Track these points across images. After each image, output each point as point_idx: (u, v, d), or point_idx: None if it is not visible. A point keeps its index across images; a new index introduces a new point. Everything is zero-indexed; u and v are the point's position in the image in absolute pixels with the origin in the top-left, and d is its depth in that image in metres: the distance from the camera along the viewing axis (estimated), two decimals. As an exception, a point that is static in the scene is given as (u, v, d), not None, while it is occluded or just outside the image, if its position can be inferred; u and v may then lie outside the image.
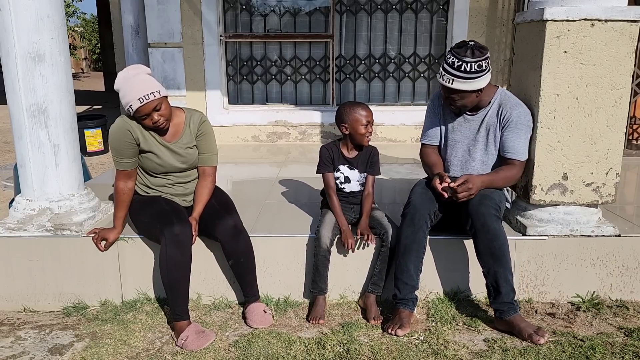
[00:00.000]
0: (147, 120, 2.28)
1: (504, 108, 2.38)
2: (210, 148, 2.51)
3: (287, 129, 5.35)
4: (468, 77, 2.24)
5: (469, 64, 2.22)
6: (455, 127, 2.51)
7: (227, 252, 2.41)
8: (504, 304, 2.25)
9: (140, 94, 2.21)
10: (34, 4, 2.36)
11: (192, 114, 2.47)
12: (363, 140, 2.48)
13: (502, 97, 2.42)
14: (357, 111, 2.45)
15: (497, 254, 2.23)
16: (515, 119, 2.36)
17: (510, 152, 2.39)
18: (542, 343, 2.14)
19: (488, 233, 2.24)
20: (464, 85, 2.27)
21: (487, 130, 2.43)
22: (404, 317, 2.29)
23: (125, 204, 2.45)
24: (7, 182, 4.69)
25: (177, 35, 5.11)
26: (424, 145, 2.63)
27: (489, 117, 2.42)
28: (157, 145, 2.39)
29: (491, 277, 2.27)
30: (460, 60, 2.23)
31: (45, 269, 2.55)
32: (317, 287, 2.45)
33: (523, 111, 2.38)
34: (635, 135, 5.19)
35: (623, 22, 2.31)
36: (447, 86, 2.30)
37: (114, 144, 2.36)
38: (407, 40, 5.41)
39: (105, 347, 2.22)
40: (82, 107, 10.58)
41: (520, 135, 2.37)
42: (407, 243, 2.32)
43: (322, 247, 2.41)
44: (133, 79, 2.24)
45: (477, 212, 2.26)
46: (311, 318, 2.39)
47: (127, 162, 2.38)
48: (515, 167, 2.40)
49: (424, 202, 2.37)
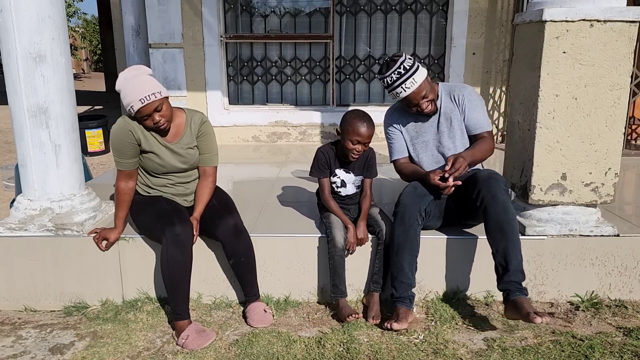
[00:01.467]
0: (148, 121, 2.29)
1: (454, 93, 2.53)
2: (211, 148, 2.52)
3: (287, 129, 5.36)
4: (412, 72, 2.36)
5: (406, 61, 2.37)
6: (419, 130, 2.59)
7: (227, 252, 2.42)
8: (511, 282, 2.21)
9: (141, 95, 2.21)
10: (35, 4, 2.37)
11: (193, 115, 2.48)
12: (349, 155, 2.41)
13: (445, 87, 2.58)
14: (353, 125, 2.34)
15: (506, 229, 2.23)
16: (469, 98, 2.51)
17: (479, 128, 2.51)
18: (538, 322, 2.05)
19: (497, 205, 2.24)
20: (419, 78, 2.37)
21: (447, 119, 2.53)
22: (401, 313, 2.29)
23: (126, 204, 2.46)
24: (8, 182, 4.71)
25: (177, 36, 5.13)
26: (397, 161, 2.66)
27: (444, 106, 2.53)
28: (158, 146, 2.40)
29: (500, 255, 2.24)
30: (400, 63, 2.37)
31: (47, 269, 2.56)
32: (338, 291, 2.43)
33: (469, 90, 2.55)
34: (634, 135, 5.20)
35: (622, 23, 2.31)
36: (415, 89, 2.38)
37: (115, 144, 2.37)
38: (407, 41, 5.42)
39: (106, 347, 2.23)
40: (83, 108, 10.60)
41: (480, 110, 2.52)
42: (400, 242, 2.33)
43: (338, 248, 2.40)
44: (134, 80, 2.24)
45: (487, 185, 2.28)
46: (347, 316, 2.34)
47: (128, 163, 2.39)
48: (487, 138, 2.50)
49: (413, 200, 2.38)
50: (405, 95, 2.40)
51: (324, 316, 2.49)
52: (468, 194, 2.35)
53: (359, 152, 2.40)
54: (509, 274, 2.22)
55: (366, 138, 2.36)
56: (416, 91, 2.39)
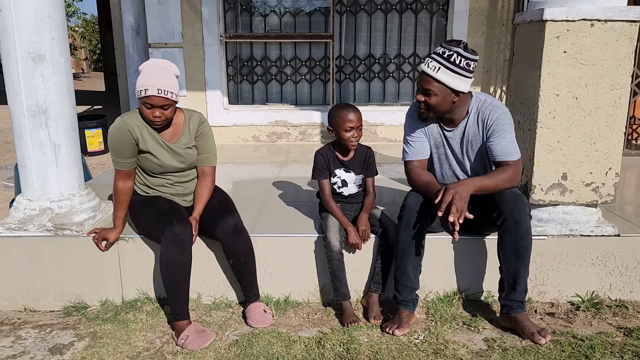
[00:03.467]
0: (149, 111, 2.29)
1: (483, 115, 2.29)
2: (209, 148, 2.52)
3: (287, 129, 5.36)
4: (454, 70, 2.15)
5: (460, 57, 2.15)
6: (438, 143, 2.42)
7: (227, 252, 2.42)
8: (515, 301, 2.25)
9: (161, 86, 2.24)
10: (35, 4, 2.36)
11: (192, 115, 2.48)
12: (348, 145, 2.45)
13: (478, 104, 2.31)
14: (340, 115, 2.40)
15: (522, 253, 2.22)
16: (497, 123, 2.25)
17: (501, 155, 2.26)
18: (543, 343, 2.15)
19: (519, 231, 2.19)
20: (446, 78, 2.16)
21: (469, 142, 2.35)
22: (403, 318, 2.29)
23: (125, 203, 2.45)
24: (8, 182, 4.70)
25: (177, 35, 5.12)
26: (411, 162, 2.40)
27: (469, 128, 2.33)
28: (155, 146, 2.39)
29: (510, 274, 2.24)
30: (451, 51, 2.16)
31: (46, 269, 2.56)
32: (340, 294, 2.41)
33: (501, 112, 2.27)
34: (634, 135, 5.19)
35: (622, 22, 2.31)
36: (429, 75, 2.18)
37: (113, 144, 2.37)
38: (407, 41, 5.41)
39: (106, 347, 2.23)
40: (82, 107, 10.59)
41: (506, 137, 2.26)
42: (405, 246, 2.30)
43: (334, 251, 2.39)
44: (162, 71, 2.28)
45: (512, 208, 2.19)
46: (348, 322, 2.34)
47: (127, 162, 2.39)
48: (509, 167, 2.25)
49: (420, 204, 2.32)
50: (420, 70, 2.24)
51: (324, 316, 2.49)
52: (487, 208, 2.23)
53: (356, 138, 2.43)
54: (515, 293, 2.24)
55: (357, 121, 2.41)
56: (426, 78, 2.20)
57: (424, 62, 2.22)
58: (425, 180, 2.32)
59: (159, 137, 2.40)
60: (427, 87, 2.21)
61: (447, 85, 2.18)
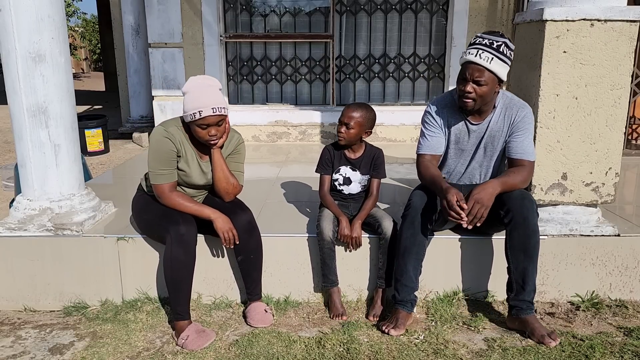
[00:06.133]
0: (205, 131, 2.26)
1: (510, 111, 2.31)
2: (238, 167, 2.50)
3: (287, 129, 5.36)
4: (504, 60, 2.18)
5: (506, 47, 2.18)
6: (460, 137, 2.41)
7: (238, 247, 2.38)
8: (524, 302, 2.24)
9: (215, 105, 2.23)
10: (35, 4, 2.36)
11: (233, 136, 2.48)
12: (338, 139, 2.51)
13: (505, 100, 2.34)
14: (343, 111, 2.49)
15: (530, 251, 2.21)
16: (524, 121, 2.29)
17: (520, 153, 2.29)
18: (552, 346, 2.14)
19: (527, 229, 2.20)
20: (498, 68, 2.17)
21: (492, 137, 2.35)
22: (400, 318, 2.29)
23: (191, 199, 2.38)
24: (8, 182, 4.70)
25: (177, 35, 5.12)
26: (423, 156, 2.42)
27: (493, 123, 2.33)
28: (190, 162, 2.36)
29: (518, 273, 2.24)
30: (499, 41, 2.18)
31: (46, 269, 2.56)
32: (327, 280, 2.47)
33: (528, 112, 2.31)
34: (634, 135, 5.19)
35: (622, 22, 2.31)
36: (482, 65, 2.17)
37: (162, 156, 2.28)
38: (407, 41, 5.42)
39: (106, 347, 2.23)
40: (82, 107, 10.60)
41: (529, 136, 2.30)
42: (407, 245, 2.30)
43: (326, 240, 2.41)
44: (209, 89, 2.29)
45: (520, 205, 2.20)
46: (333, 316, 2.42)
47: (173, 172, 2.32)
48: (525, 168, 2.28)
49: (425, 204, 2.31)
50: (466, 61, 2.21)
51: (324, 316, 2.49)
52: (493, 206, 2.18)
53: (342, 134, 2.47)
54: (525, 293, 2.24)
55: (346, 118, 2.45)
56: (479, 67, 2.18)
57: (471, 54, 2.20)
58: (433, 174, 2.33)
59: (196, 154, 2.38)
60: (480, 77, 2.19)
61: (498, 75, 2.20)
